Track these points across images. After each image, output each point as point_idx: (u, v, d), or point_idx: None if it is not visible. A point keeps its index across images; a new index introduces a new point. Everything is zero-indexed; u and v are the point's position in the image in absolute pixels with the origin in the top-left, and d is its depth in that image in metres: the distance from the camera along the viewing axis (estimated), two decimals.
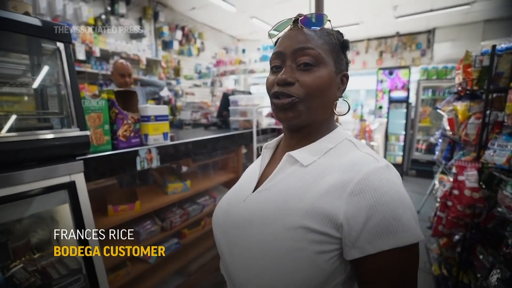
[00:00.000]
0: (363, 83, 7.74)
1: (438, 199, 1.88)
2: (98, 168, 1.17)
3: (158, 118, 1.42)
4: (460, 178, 1.48)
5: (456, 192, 1.51)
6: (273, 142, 0.66)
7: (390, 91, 5.37)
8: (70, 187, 1.00)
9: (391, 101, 5.22)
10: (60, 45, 1.05)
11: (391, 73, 5.63)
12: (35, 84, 1.08)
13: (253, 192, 0.56)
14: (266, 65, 3.99)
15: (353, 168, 0.46)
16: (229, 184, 2.16)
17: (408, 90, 5.13)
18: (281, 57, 0.52)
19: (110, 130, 1.28)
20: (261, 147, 2.08)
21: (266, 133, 2.29)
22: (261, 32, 6.13)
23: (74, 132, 1.05)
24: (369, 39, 6.44)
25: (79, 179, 1.03)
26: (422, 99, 5.19)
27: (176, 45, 4.83)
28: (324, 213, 0.44)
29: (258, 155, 2.27)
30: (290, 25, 0.54)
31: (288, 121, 0.52)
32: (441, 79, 4.85)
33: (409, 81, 5.35)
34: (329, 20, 0.52)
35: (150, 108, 1.39)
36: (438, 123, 4.68)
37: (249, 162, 2.34)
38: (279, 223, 0.46)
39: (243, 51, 4.38)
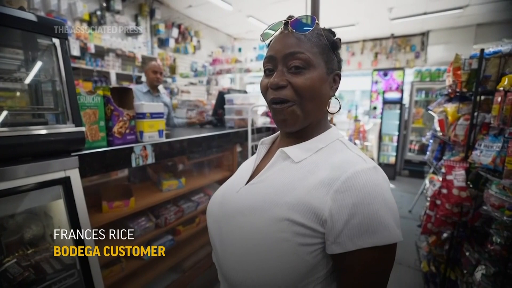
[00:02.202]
0: (358, 84, 7.82)
1: (428, 198, 1.92)
2: (93, 164, 1.17)
3: (153, 115, 1.43)
4: (449, 177, 1.53)
5: (444, 191, 1.55)
6: (269, 138, 0.69)
7: (384, 92, 5.44)
8: (65, 182, 1.01)
9: (385, 102, 5.29)
10: (56, 41, 1.06)
11: (385, 74, 5.70)
12: (30, 80, 1.08)
13: (246, 184, 0.58)
14: (262, 64, 4.00)
15: (341, 167, 0.48)
16: (223, 182, 2.17)
17: (402, 91, 5.21)
18: (273, 61, 0.54)
19: (106, 126, 1.29)
20: (256, 146, 2.09)
21: (261, 131, 2.31)
22: (258, 31, 6.13)
23: (69, 128, 1.06)
24: (364, 40, 6.51)
25: (74, 175, 1.03)
26: (415, 100, 5.27)
27: (172, 43, 4.81)
28: (310, 208, 0.46)
29: (253, 153, 2.29)
30: (281, 28, 0.55)
31: (286, 128, 0.55)
32: (434, 81, 4.93)
33: (403, 83, 5.42)
34: (317, 23, 0.54)
35: (146, 106, 1.40)
36: (430, 124, 4.76)
37: (243, 161, 2.35)
38: (267, 214, 0.48)
39: (239, 50, 4.39)
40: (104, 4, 3.78)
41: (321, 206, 0.46)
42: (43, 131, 0.98)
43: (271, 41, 0.58)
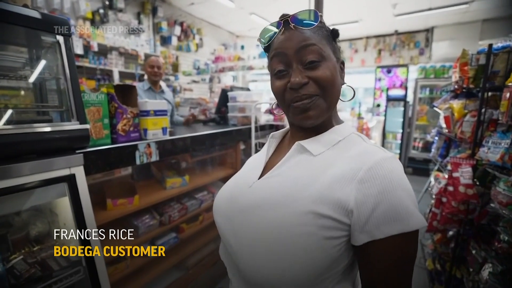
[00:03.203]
0: (361, 81, 7.76)
1: (434, 196, 1.90)
2: (98, 161, 1.17)
3: (157, 112, 1.42)
4: (455, 174, 1.51)
5: (451, 188, 1.53)
6: (279, 132, 0.67)
7: (388, 89, 5.40)
8: (70, 180, 1.01)
9: (389, 99, 5.25)
10: (60, 38, 1.05)
11: (389, 71, 5.65)
12: (34, 77, 1.08)
13: (259, 179, 0.57)
14: (265, 62, 3.98)
15: (362, 158, 0.48)
16: (227, 180, 2.17)
17: (406, 88, 5.16)
18: (284, 59, 0.52)
19: (110, 124, 1.29)
20: (259, 143, 2.08)
21: (265, 129, 2.30)
22: (260, 29, 6.09)
23: (74, 125, 1.06)
24: (368, 37, 6.45)
25: (79, 172, 1.03)
26: (419, 97, 5.22)
27: (174, 41, 4.80)
28: (335, 200, 0.46)
29: (257, 151, 2.28)
30: (281, 28, 0.53)
31: (309, 120, 0.52)
32: (438, 77, 4.88)
33: (407, 80, 5.37)
34: (321, 15, 0.53)
35: (150, 103, 1.40)
36: (434, 122, 4.71)
37: (247, 158, 2.35)
38: (289, 208, 0.47)
39: (242, 47, 4.37)
40: (107, 2, 3.78)
41: (346, 197, 0.45)
42: (48, 129, 0.98)
43: (269, 45, 0.56)
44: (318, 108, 0.51)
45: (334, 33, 0.56)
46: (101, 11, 3.68)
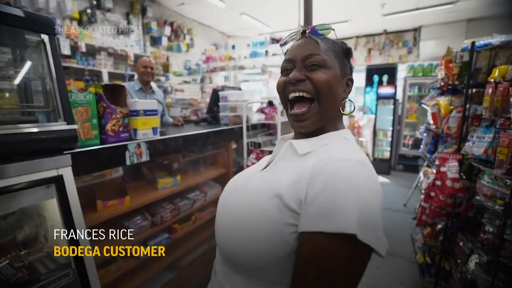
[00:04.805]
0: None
1: (423, 191, 1.95)
2: (87, 162, 1.16)
3: (147, 112, 1.41)
4: (442, 169, 1.55)
5: (438, 183, 1.57)
6: (288, 135, 0.71)
7: (378, 87, 5.48)
8: (58, 181, 0.99)
9: (379, 97, 5.33)
10: (45, 37, 1.04)
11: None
12: (19, 78, 1.06)
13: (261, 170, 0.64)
14: (256, 62, 4.00)
15: (325, 156, 0.51)
16: (219, 179, 2.17)
17: (395, 87, 5.25)
18: (292, 63, 0.59)
19: (98, 124, 1.27)
20: (251, 142, 2.10)
21: (256, 128, 2.31)
22: (251, 29, 6.12)
23: (61, 126, 1.04)
24: (357, 37, 6.54)
25: (67, 173, 1.02)
26: (408, 95, 5.32)
27: (165, 41, 4.77)
28: (296, 191, 0.49)
29: (248, 150, 2.27)
30: (298, 35, 0.61)
31: (302, 129, 0.58)
32: (426, 76, 4.98)
33: (396, 78, 5.47)
34: (333, 29, 0.59)
35: (139, 103, 1.39)
36: (423, 119, 4.80)
37: (239, 158, 2.35)
38: (262, 191, 0.53)
39: (233, 47, 4.37)
40: (94, 2, 3.72)
41: (302, 187, 0.48)
42: (34, 129, 0.96)
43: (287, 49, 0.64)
44: (313, 117, 0.57)
45: (347, 51, 0.62)
46: (89, 11, 3.62)
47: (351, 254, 0.42)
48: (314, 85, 0.55)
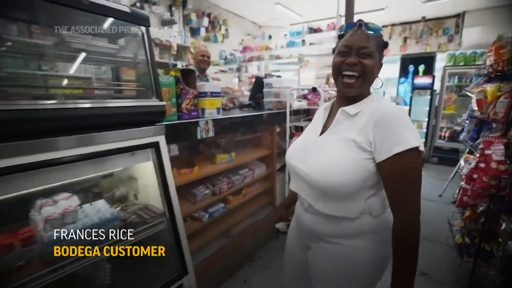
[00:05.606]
0: (382, 72, 7.58)
1: (463, 177, 1.99)
2: (170, 134, 1.38)
3: (213, 94, 1.61)
4: (487, 152, 1.60)
5: (482, 165, 1.62)
6: (328, 104, 0.98)
7: (413, 77, 5.32)
8: (155, 146, 1.22)
9: (415, 88, 5.19)
10: (143, 29, 1.25)
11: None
12: (125, 61, 1.29)
13: (320, 135, 0.88)
14: (292, 51, 4.09)
15: (376, 110, 0.78)
16: (264, 159, 2.36)
17: (433, 77, 5.07)
18: (349, 48, 0.81)
19: (176, 103, 1.49)
20: (294, 126, 2.34)
21: (299, 113, 2.45)
22: (284, 19, 6.15)
23: (155, 102, 1.26)
24: (393, 25, 6.32)
25: (162, 141, 1.25)
26: (447, 86, 5.12)
27: (203, 32, 4.99)
28: (364, 137, 0.76)
29: (291, 133, 2.43)
30: (355, 28, 0.83)
31: (349, 93, 0.83)
32: (468, 65, 4.75)
33: (434, 68, 5.27)
34: (382, 29, 0.84)
35: (208, 85, 1.59)
36: (463, 111, 4.63)
37: (281, 141, 2.52)
38: (340, 141, 0.80)
39: (270, 37, 4.48)
40: None
41: (368, 133, 0.76)
42: (139, 103, 1.18)
43: (343, 34, 0.86)
44: (356, 87, 0.81)
45: (385, 44, 0.85)
46: (138, 4, 3.92)
47: (417, 159, 0.71)
48: (363, 68, 0.79)
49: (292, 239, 1.03)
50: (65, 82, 1.22)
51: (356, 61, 0.79)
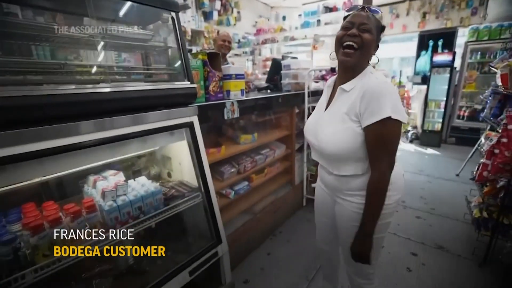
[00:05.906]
0: (398, 50, 7.30)
1: (484, 153, 2.00)
2: (201, 114, 1.46)
3: (238, 76, 1.68)
4: (510, 127, 1.61)
5: (504, 140, 1.64)
6: (331, 81, 1.14)
7: (432, 55, 5.13)
8: (190, 126, 1.31)
9: (434, 65, 5.02)
10: (174, 14, 1.31)
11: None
12: (160, 46, 1.37)
13: (325, 111, 1.06)
14: (307, 32, 4.02)
15: (364, 85, 0.93)
16: (284, 140, 2.44)
17: (454, 53, 4.87)
18: (352, 24, 0.95)
19: (204, 85, 1.57)
20: (312, 107, 2.45)
21: (317, 94, 2.48)
22: None
23: (187, 84, 1.34)
24: (411, 0, 6.04)
25: (195, 121, 1.34)
26: (468, 62, 4.92)
27: (215, 16, 4.96)
28: (354, 109, 0.93)
29: (309, 114, 2.49)
30: (359, 9, 0.97)
31: (347, 62, 0.96)
32: (493, 39, 4.52)
33: (455, 45, 5.05)
34: (382, 12, 0.99)
35: (232, 68, 1.65)
36: (484, 89, 4.47)
37: (300, 122, 2.57)
38: (338, 115, 0.97)
39: (284, 18, 4.41)
40: None
41: (356, 105, 0.92)
42: (176, 86, 1.27)
43: (348, 15, 1.00)
44: (354, 57, 0.94)
45: (382, 28, 0.99)
46: None
47: (393, 127, 0.88)
48: (362, 40, 0.92)
49: (320, 198, 1.24)
50: (114, 69, 1.29)
51: (356, 33, 0.92)
